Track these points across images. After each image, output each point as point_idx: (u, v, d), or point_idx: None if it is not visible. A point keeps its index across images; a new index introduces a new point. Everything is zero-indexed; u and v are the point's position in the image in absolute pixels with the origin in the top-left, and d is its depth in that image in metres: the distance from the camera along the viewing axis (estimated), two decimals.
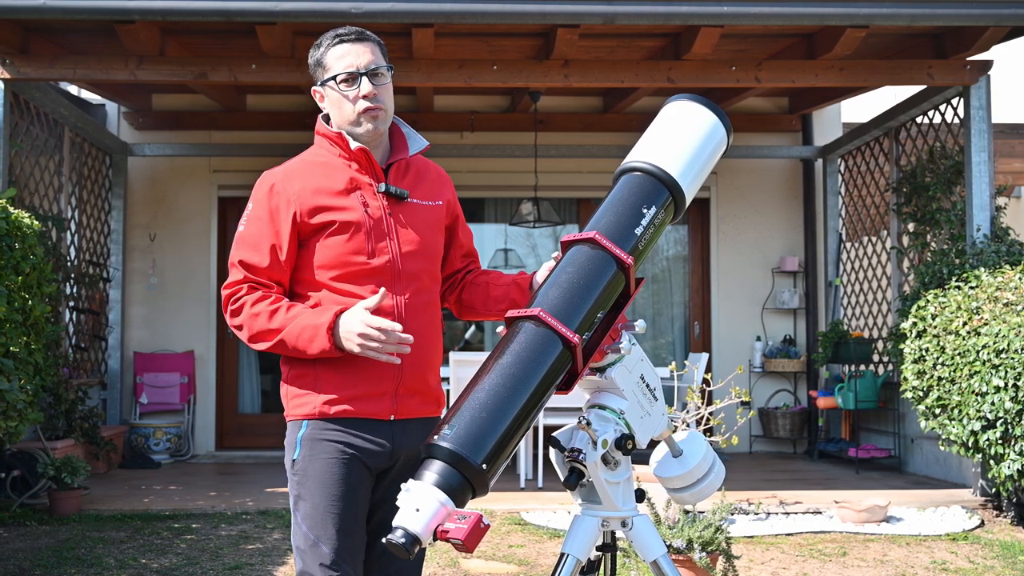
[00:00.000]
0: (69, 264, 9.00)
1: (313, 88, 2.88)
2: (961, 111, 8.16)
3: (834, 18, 7.28)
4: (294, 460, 2.78)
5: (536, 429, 8.16)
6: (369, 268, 2.77)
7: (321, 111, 2.93)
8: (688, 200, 2.59)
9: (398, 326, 2.61)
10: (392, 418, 2.79)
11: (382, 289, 2.68)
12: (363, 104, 2.77)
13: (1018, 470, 6.35)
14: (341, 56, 2.79)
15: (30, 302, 6.27)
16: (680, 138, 2.59)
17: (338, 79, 2.78)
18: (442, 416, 2.56)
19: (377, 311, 2.72)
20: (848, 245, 10.50)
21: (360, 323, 2.62)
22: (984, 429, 6.57)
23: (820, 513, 7.27)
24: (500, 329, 2.43)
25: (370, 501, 2.83)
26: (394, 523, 2.13)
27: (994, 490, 7.32)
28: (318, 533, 2.72)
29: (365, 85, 2.77)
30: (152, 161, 10.58)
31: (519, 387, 2.27)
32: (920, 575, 5.75)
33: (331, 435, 2.74)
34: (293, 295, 2.84)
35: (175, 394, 10.20)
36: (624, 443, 2.35)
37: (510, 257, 11.20)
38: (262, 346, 2.73)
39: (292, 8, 6.79)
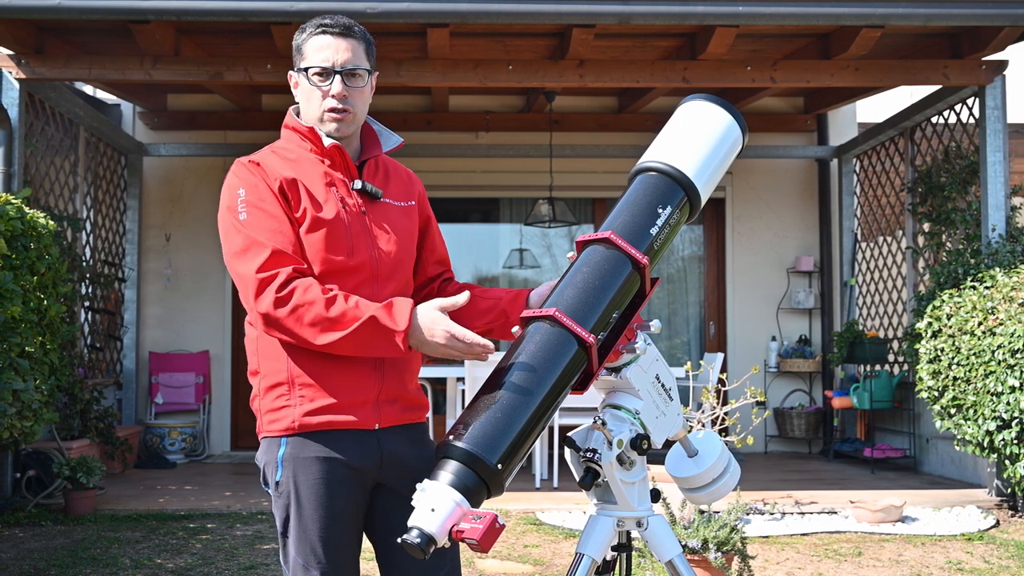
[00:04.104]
0: (84, 264, 9.01)
1: (289, 72, 2.75)
2: (976, 111, 8.14)
3: (849, 18, 7.26)
4: (277, 482, 2.60)
5: (551, 429, 8.16)
6: (348, 266, 2.62)
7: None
8: (703, 200, 2.58)
9: (478, 339, 2.44)
10: (377, 427, 2.64)
11: (466, 293, 2.52)
12: (330, 103, 2.64)
13: None
14: (320, 48, 2.64)
15: (45, 302, 6.29)
16: (695, 138, 2.58)
17: (310, 71, 2.65)
18: (456, 418, 2.54)
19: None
20: (863, 245, 10.47)
21: (443, 330, 2.45)
22: (999, 429, 6.55)
23: (835, 513, 7.25)
24: (515, 329, 2.42)
25: (368, 516, 2.69)
26: (409, 523, 2.13)
27: (1009, 490, 7.30)
28: (307, 557, 2.59)
29: (336, 84, 2.64)
30: (167, 161, 10.61)
31: (534, 387, 2.27)
32: (935, 575, 5.74)
33: (315, 451, 2.57)
34: None
35: (190, 394, 10.23)
36: (639, 443, 2.34)
37: (525, 257, 11.17)
38: (324, 339, 2.48)
39: (307, 8, 6.80)
